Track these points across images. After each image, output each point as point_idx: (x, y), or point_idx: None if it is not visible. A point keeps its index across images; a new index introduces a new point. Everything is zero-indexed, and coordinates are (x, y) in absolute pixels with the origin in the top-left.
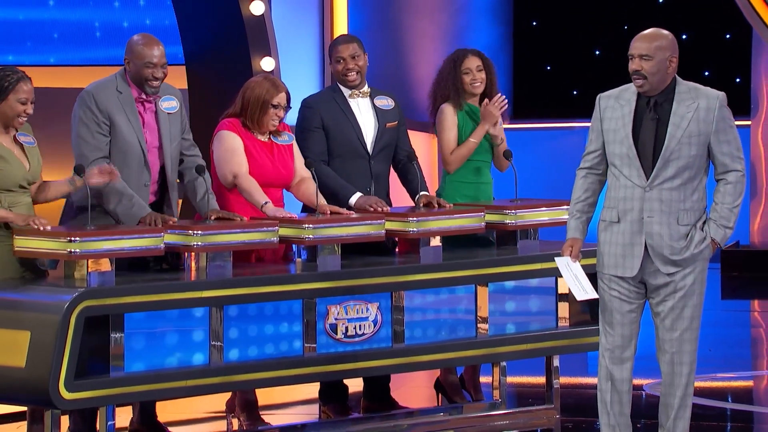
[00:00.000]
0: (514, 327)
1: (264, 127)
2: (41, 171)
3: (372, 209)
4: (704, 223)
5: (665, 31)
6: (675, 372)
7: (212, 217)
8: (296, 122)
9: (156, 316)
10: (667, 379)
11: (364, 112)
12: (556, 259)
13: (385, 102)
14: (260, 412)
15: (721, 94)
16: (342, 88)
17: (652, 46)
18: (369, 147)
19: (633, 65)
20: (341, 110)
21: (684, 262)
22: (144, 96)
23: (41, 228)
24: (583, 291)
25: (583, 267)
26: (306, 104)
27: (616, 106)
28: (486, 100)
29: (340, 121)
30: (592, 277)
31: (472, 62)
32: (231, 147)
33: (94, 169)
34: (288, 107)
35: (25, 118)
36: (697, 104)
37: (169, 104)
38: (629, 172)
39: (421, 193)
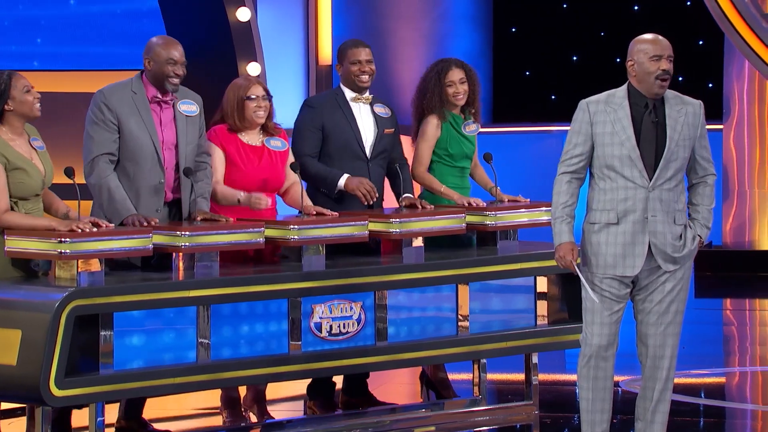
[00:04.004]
0: (494, 325)
1: (250, 122)
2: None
3: (361, 193)
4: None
5: None
6: (656, 366)
7: (198, 218)
8: (295, 120)
9: (144, 315)
10: (647, 372)
11: (364, 116)
12: (576, 266)
13: (383, 110)
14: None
15: (701, 102)
16: (345, 91)
17: (671, 48)
18: (368, 150)
19: (663, 65)
20: (343, 113)
21: (682, 260)
22: (160, 96)
23: (86, 230)
24: (594, 293)
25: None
26: (309, 104)
27: (608, 110)
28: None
29: (340, 123)
30: (572, 277)
31: (456, 74)
32: None
33: (89, 220)
34: (269, 96)
35: (39, 104)
36: (686, 110)
37: (189, 107)
38: (631, 174)
39: (405, 195)
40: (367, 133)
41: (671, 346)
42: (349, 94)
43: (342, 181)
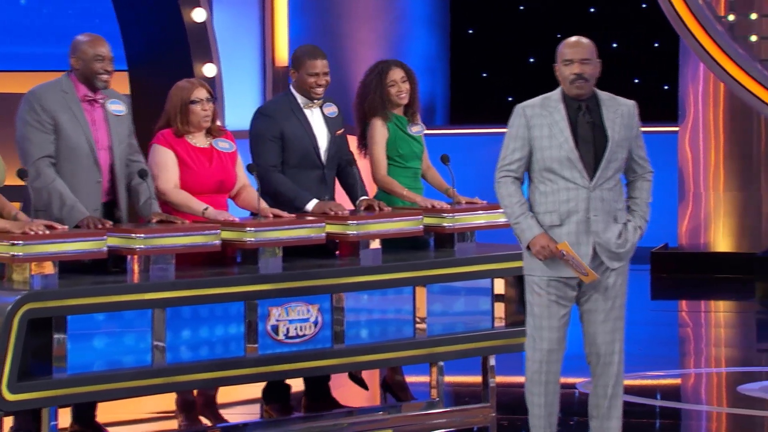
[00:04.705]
0: (452, 327)
1: (196, 126)
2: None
3: (333, 213)
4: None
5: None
6: (607, 362)
7: (154, 220)
8: (251, 129)
9: (99, 318)
10: (599, 371)
11: (317, 122)
12: (561, 249)
13: (332, 109)
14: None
15: (635, 103)
16: (297, 96)
17: (588, 50)
18: (323, 157)
19: (574, 69)
20: (299, 121)
21: (626, 255)
22: (91, 95)
23: (40, 232)
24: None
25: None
26: (264, 113)
27: (544, 114)
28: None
29: (298, 132)
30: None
31: (397, 74)
32: (158, 163)
33: (42, 223)
34: (213, 98)
35: None
36: (621, 110)
37: (117, 107)
38: (571, 175)
39: (362, 198)
40: (322, 139)
41: (619, 340)
42: (301, 100)
43: (310, 206)
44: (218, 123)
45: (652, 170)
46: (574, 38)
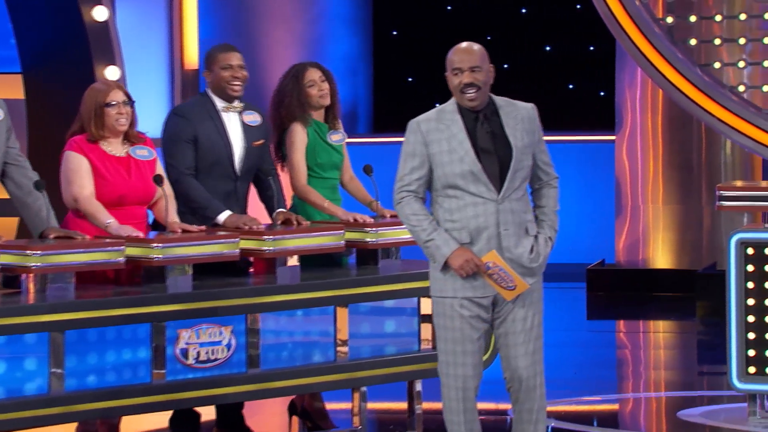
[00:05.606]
0: (375, 350)
1: (111, 131)
2: None
3: (246, 228)
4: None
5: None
6: (530, 386)
7: (51, 236)
8: (165, 130)
9: None
10: (522, 396)
11: (234, 128)
12: (488, 261)
13: (253, 117)
14: None
15: (534, 105)
16: (215, 99)
17: (478, 57)
18: (237, 168)
19: (464, 78)
20: (214, 125)
21: (539, 269)
22: None
23: None
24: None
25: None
26: (179, 113)
27: (441, 128)
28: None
29: (212, 137)
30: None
31: (314, 74)
32: (73, 169)
33: None
34: (131, 102)
35: None
36: (521, 115)
37: None
38: (477, 189)
39: (279, 210)
40: (238, 147)
41: (540, 361)
42: (219, 103)
43: (222, 218)
44: (136, 129)
45: (557, 176)
46: (463, 44)
